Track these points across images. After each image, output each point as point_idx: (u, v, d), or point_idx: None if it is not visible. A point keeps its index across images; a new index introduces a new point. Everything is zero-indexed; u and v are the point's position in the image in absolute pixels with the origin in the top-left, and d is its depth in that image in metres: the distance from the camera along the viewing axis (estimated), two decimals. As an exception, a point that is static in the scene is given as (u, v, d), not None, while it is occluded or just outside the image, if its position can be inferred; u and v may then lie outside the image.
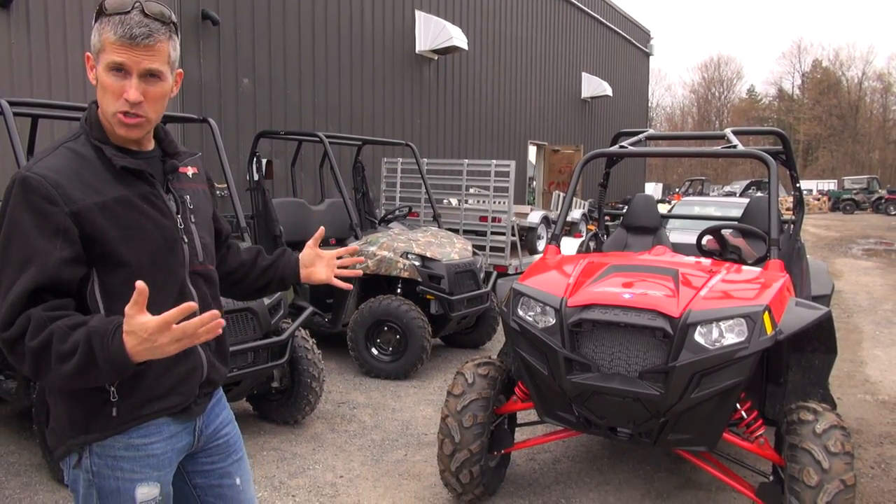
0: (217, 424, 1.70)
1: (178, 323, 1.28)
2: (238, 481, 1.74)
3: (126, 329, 1.28)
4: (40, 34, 6.76)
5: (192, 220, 1.60)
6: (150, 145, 1.56)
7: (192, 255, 1.58)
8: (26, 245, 1.36)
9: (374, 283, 6.05)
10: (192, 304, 1.28)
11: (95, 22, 1.41)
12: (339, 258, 1.89)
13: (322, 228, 1.57)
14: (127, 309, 1.27)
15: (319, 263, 1.88)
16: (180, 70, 1.53)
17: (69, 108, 4.65)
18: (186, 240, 1.56)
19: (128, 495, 1.51)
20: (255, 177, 6.48)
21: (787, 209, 18.19)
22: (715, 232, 4.11)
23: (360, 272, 1.89)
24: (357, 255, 1.93)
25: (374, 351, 5.77)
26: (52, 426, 1.53)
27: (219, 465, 1.71)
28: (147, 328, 1.26)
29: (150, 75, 1.43)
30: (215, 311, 1.32)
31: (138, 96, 1.41)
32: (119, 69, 1.40)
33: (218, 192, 7.44)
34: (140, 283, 1.25)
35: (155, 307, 1.33)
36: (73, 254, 1.39)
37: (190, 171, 1.65)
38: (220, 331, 1.33)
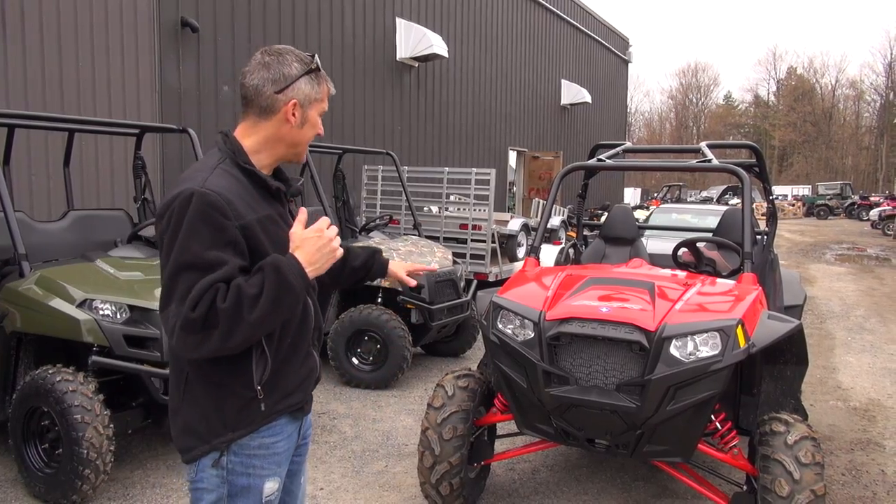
0: (306, 427, 1.88)
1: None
2: (303, 480, 1.94)
3: (293, 245, 1.58)
4: (17, 44, 6.69)
5: None
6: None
7: None
8: (208, 254, 1.50)
9: (355, 293, 6.06)
10: (326, 219, 1.63)
11: (305, 75, 1.68)
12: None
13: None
14: (293, 229, 1.61)
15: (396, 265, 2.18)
16: None
17: (47, 118, 4.62)
18: None
19: (257, 490, 1.67)
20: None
21: (762, 215, 18.48)
22: (690, 245, 4.18)
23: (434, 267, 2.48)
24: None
25: (355, 360, 5.77)
26: (187, 426, 1.64)
27: (296, 464, 1.88)
28: (319, 227, 1.59)
29: None
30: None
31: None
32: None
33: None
34: (302, 209, 1.63)
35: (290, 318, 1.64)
36: (244, 264, 1.56)
37: None
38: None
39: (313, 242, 1.58)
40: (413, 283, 2.14)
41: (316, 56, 1.71)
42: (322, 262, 1.59)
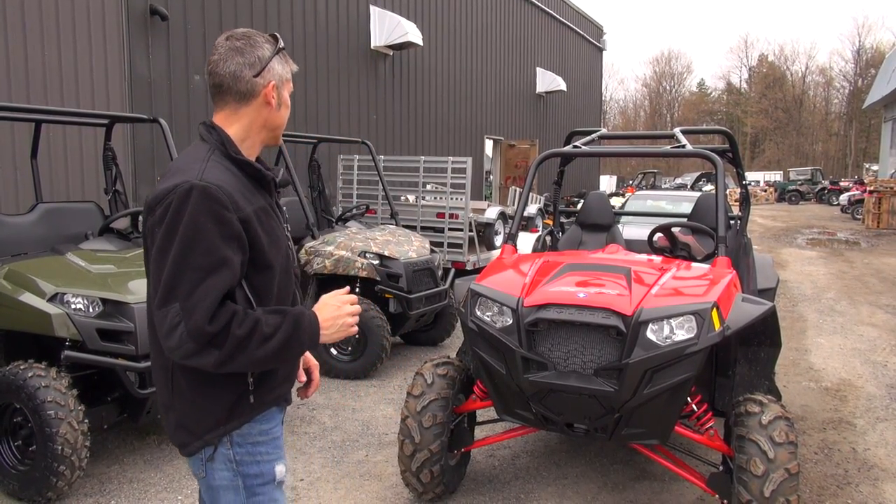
0: None
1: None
2: None
3: (318, 304, 1.65)
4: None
5: (288, 228, 1.79)
6: None
7: (296, 259, 1.81)
8: (214, 252, 1.47)
9: (332, 283, 6.02)
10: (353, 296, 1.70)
11: (277, 55, 1.66)
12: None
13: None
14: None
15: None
16: None
17: (12, 108, 4.53)
18: (292, 246, 1.77)
19: (269, 475, 1.69)
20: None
21: (736, 200, 18.67)
22: (665, 230, 4.22)
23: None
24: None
25: (333, 351, 5.75)
26: (182, 423, 1.63)
27: None
28: (341, 299, 1.66)
29: None
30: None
31: None
32: None
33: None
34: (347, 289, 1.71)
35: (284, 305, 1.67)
36: (244, 258, 1.56)
37: None
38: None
39: (330, 310, 1.63)
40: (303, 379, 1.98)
41: (278, 35, 1.70)
42: (334, 331, 1.63)
